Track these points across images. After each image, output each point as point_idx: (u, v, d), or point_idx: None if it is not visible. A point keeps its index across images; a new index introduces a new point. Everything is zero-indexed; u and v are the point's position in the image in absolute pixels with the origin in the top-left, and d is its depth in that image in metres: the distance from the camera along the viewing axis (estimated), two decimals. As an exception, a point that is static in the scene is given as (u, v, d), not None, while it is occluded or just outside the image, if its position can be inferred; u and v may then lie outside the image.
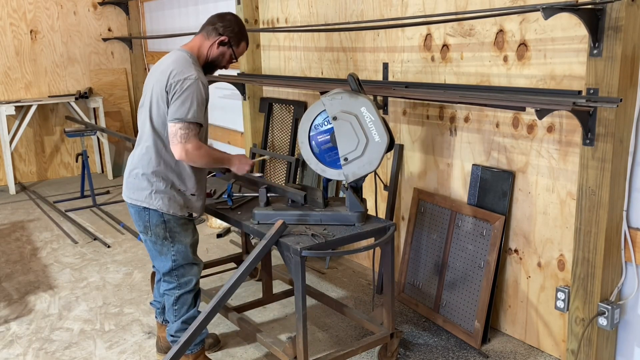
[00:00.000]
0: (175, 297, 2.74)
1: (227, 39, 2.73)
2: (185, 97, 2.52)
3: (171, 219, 2.66)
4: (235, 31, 2.75)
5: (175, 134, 2.53)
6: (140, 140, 2.71)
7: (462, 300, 3.12)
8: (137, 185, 2.66)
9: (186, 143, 2.53)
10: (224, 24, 2.73)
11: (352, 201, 2.71)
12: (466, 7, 3.06)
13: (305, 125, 2.74)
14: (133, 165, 2.70)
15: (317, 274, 4.04)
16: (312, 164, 2.75)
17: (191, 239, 2.75)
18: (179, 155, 2.55)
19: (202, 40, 2.75)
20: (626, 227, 2.50)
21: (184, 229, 2.71)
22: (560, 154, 2.74)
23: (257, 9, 4.84)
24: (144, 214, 2.66)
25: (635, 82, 2.35)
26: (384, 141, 2.58)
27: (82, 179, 6.16)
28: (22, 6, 6.67)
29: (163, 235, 2.68)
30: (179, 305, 2.75)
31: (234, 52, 2.79)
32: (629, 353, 2.63)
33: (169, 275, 2.73)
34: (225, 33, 2.73)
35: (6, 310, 3.64)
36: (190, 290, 2.75)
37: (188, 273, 2.75)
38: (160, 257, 2.72)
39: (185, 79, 2.53)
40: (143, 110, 2.71)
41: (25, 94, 6.81)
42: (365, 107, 2.59)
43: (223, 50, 2.75)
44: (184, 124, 2.52)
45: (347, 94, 2.63)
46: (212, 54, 2.74)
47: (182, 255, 2.71)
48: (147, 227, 2.68)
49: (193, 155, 2.55)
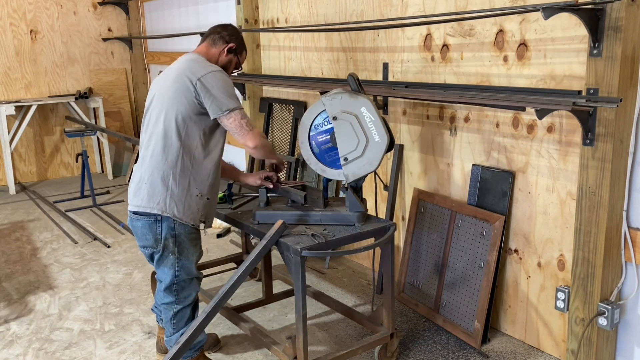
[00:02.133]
0: (173, 312, 2.69)
1: (234, 45, 2.77)
2: (215, 89, 2.53)
3: (182, 232, 2.59)
4: (239, 40, 2.82)
5: (240, 126, 2.55)
6: (149, 145, 2.59)
7: (462, 300, 3.12)
8: (151, 192, 2.55)
9: (252, 130, 2.58)
10: (229, 32, 2.78)
11: (352, 201, 2.71)
12: (466, 7, 3.06)
13: (306, 125, 2.74)
14: (144, 171, 2.59)
15: (317, 274, 4.05)
16: (312, 164, 2.75)
17: (198, 255, 2.70)
18: (254, 143, 2.59)
19: (209, 47, 2.75)
20: (626, 227, 2.49)
21: (193, 244, 2.65)
22: (560, 154, 2.74)
23: (257, 9, 4.84)
24: (155, 226, 2.56)
25: (635, 82, 2.35)
26: (384, 141, 2.58)
27: (82, 179, 6.16)
28: (22, 6, 6.67)
29: (171, 249, 2.60)
30: (177, 319, 2.71)
31: (239, 60, 2.84)
32: (629, 353, 2.63)
33: (169, 289, 2.67)
34: (231, 40, 2.77)
35: (6, 310, 3.64)
36: (188, 304, 2.71)
37: (188, 287, 2.69)
38: (162, 269, 2.65)
39: (213, 72, 2.56)
40: (153, 113, 2.61)
41: (25, 94, 6.81)
42: (365, 107, 2.59)
43: (230, 58, 2.78)
44: (236, 113, 2.55)
45: (347, 94, 2.63)
46: (221, 60, 2.76)
47: (186, 270, 2.65)
48: (158, 239, 2.58)
49: (264, 140, 2.63)
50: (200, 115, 2.56)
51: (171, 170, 2.55)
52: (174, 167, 2.55)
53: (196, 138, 2.57)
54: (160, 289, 2.72)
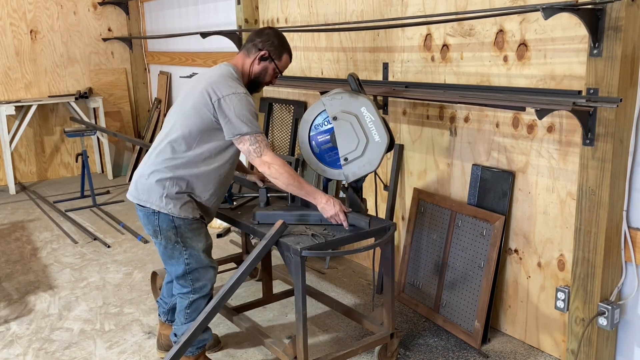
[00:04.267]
0: (189, 301, 2.69)
1: (267, 53, 2.70)
2: (232, 113, 2.50)
3: (182, 224, 2.59)
4: (275, 44, 2.72)
5: (249, 152, 2.52)
6: (160, 145, 2.62)
7: (462, 300, 3.12)
8: (149, 189, 2.57)
9: (263, 156, 2.52)
10: (262, 39, 2.71)
11: (352, 201, 2.71)
12: (466, 7, 3.06)
13: (306, 125, 2.74)
14: (146, 168, 2.61)
15: (317, 274, 4.05)
16: (312, 164, 2.75)
17: (204, 244, 2.67)
18: (263, 170, 2.54)
19: (244, 58, 2.73)
20: (626, 227, 2.50)
21: (196, 234, 2.64)
22: (560, 154, 2.74)
23: (257, 9, 4.84)
24: (152, 217, 2.58)
25: (635, 82, 2.35)
26: (384, 141, 2.57)
27: (82, 179, 6.16)
28: (22, 6, 6.66)
29: (174, 240, 2.60)
30: (191, 309, 2.70)
31: (277, 66, 2.75)
32: (629, 353, 2.63)
33: (183, 279, 2.66)
34: (264, 47, 2.70)
35: (6, 310, 3.64)
36: (204, 295, 2.70)
37: (203, 277, 2.68)
38: (171, 261, 2.66)
39: (224, 97, 2.51)
40: (173, 114, 2.65)
41: (25, 94, 6.81)
42: (366, 107, 2.59)
43: (265, 65, 2.72)
44: (249, 137, 2.51)
45: (347, 94, 2.63)
46: (254, 70, 2.72)
47: (196, 258, 2.64)
48: (156, 231, 2.61)
49: (277, 170, 2.51)
50: (216, 130, 2.57)
51: (173, 174, 2.56)
52: (176, 172, 2.56)
53: (206, 151, 2.58)
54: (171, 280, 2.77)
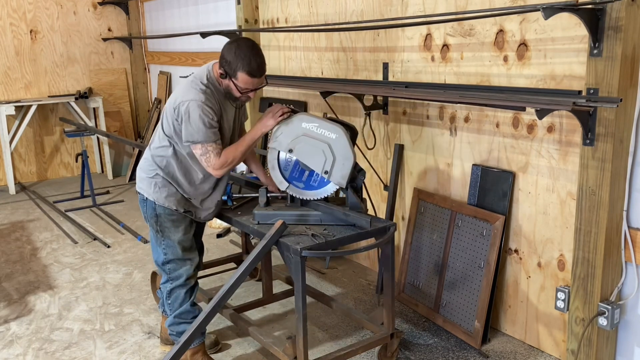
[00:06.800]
0: (167, 290, 2.83)
1: (223, 71, 2.58)
2: (186, 120, 2.56)
3: (162, 214, 2.72)
4: (228, 62, 2.53)
5: (200, 158, 2.63)
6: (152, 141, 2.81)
7: (462, 300, 3.12)
8: (142, 178, 2.77)
9: (211, 165, 2.63)
10: (221, 54, 2.58)
11: (353, 201, 2.71)
12: (466, 7, 3.06)
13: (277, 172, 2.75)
14: (142, 160, 2.82)
15: (317, 274, 4.04)
16: (309, 196, 2.76)
17: (181, 236, 2.77)
18: (217, 176, 2.69)
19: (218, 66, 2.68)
20: (626, 227, 2.49)
21: (175, 225, 2.75)
22: (560, 154, 2.74)
23: (257, 9, 4.84)
24: (143, 204, 2.77)
25: (635, 82, 2.35)
26: (341, 133, 2.61)
27: (82, 179, 6.16)
28: (22, 6, 6.66)
29: (155, 229, 2.77)
30: (172, 299, 2.83)
31: (235, 85, 2.58)
32: (629, 353, 2.63)
33: (162, 268, 2.83)
34: (221, 65, 2.58)
35: (6, 310, 3.64)
36: (181, 285, 2.81)
37: (178, 268, 2.80)
38: (156, 249, 2.83)
39: (182, 103, 2.56)
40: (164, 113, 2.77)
41: (25, 94, 6.80)
42: (303, 120, 2.66)
43: (227, 83, 2.61)
44: (200, 145, 2.59)
45: (282, 125, 2.70)
46: (223, 85, 2.66)
47: (172, 250, 2.77)
48: (145, 217, 2.81)
49: (223, 170, 2.66)
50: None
51: (162, 165, 2.72)
52: (164, 164, 2.72)
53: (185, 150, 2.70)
54: None
